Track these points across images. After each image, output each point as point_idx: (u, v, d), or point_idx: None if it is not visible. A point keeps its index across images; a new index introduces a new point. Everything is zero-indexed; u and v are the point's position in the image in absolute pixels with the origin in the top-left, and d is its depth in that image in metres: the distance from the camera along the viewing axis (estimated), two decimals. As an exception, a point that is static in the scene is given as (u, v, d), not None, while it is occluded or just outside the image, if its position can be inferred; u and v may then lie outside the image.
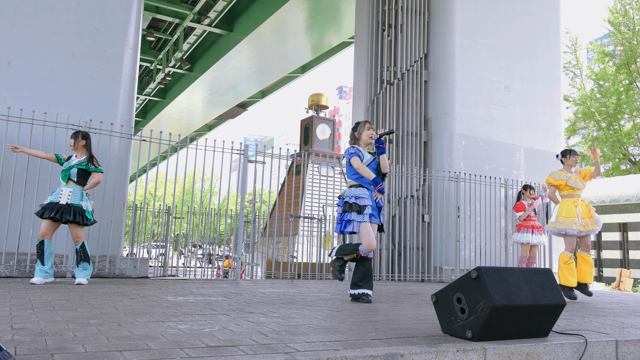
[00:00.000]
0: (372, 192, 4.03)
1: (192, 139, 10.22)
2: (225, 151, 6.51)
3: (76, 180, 4.80)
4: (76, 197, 4.72)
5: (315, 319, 2.79)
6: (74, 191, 4.73)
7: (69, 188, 4.73)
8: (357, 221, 3.87)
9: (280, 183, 18.04)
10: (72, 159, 4.87)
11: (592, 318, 3.36)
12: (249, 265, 7.05)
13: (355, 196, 3.94)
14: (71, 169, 4.79)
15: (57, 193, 4.73)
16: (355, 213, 3.88)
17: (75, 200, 4.70)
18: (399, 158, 8.60)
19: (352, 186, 4.04)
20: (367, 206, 3.92)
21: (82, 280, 4.72)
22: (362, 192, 3.96)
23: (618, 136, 19.06)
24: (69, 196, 4.68)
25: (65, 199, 4.67)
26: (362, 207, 3.89)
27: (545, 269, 2.49)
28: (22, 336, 1.98)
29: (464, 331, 2.22)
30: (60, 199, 4.66)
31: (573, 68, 20.67)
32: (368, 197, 3.96)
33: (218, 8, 13.77)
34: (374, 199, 4.01)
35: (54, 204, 4.65)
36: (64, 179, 4.79)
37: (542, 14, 9.97)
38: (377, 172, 4.04)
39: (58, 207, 4.63)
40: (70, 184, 4.79)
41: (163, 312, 2.87)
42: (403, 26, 8.95)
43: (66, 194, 4.69)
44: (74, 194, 4.71)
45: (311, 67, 18.11)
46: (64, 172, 4.82)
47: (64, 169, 4.82)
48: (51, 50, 6.09)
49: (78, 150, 4.87)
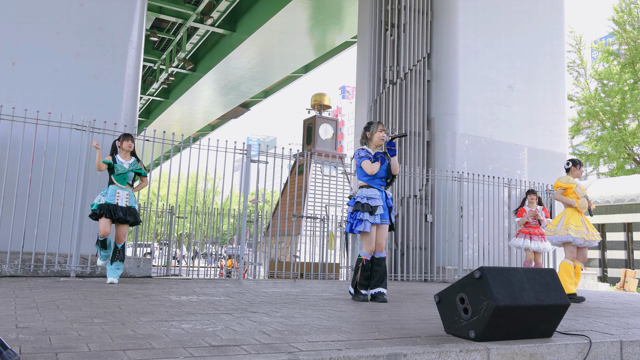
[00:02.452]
0: (382, 192, 4.05)
1: (195, 139, 10.28)
2: (228, 151, 6.51)
3: (131, 183, 5.08)
4: (132, 200, 5.03)
5: (318, 319, 2.79)
6: (130, 194, 5.02)
7: (125, 191, 5.00)
8: (369, 222, 3.89)
9: (283, 183, 18.06)
10: (119, 161, 5.02)
11: (597, 318, 3.35)
12: (252, 265, 7.05)
13: (367, 197, 3.95)
14: (128, 172, 5.01)
15: (112, 194, 4.91)
16: (367, 213, 3.89)
17: (132, 203, 5.02)
18: (402, 158, 8.59)
19: (362, 187, 4.05)
20: (379, 206, 3.93)
21: (115, 280, 4.92)
22: (374, 192, 3.97)
23: (622, 136, 18.97)
24: (127, 199, 4.97)
25: (124, 201, 4.94)
26: (374, 208, 3.91)
27: (549, 269, 2.48)
28: (26, 335, 1.99)
29: (467, 331, 2.21)
30: (119, 200, 4.91)
31: (577, 67, 20.57)
32: (379, 197, 3.97)
33: (221, 8, 13.78)
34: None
35: (113, 205, 4.88)
36: (122, 182, 4.98)
37: (546, 13, 9.93)
38: (387, 173, 4.06)
39: (119, 208, 4.88)
40: (127, 187, 5.03)
41: (166, 312, 2.87)
42: (406, 26, 8.94)
43: (124, 196, 4.96)
44: (130, 197, 5.02)
45: (314, 66, 18.11)
46: (121, 175, 4.98)
47: (122, 172, 4.98)
48: (55, 50, 6.12)
49: (125, 152, 5.05)
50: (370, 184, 4.02)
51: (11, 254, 5.38)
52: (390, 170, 4.06)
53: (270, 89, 20.80)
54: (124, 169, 4.99)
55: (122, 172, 4.98)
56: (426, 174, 8.44)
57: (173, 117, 23.02)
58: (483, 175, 8.28)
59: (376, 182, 4.02)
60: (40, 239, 5.45)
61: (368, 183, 4.03)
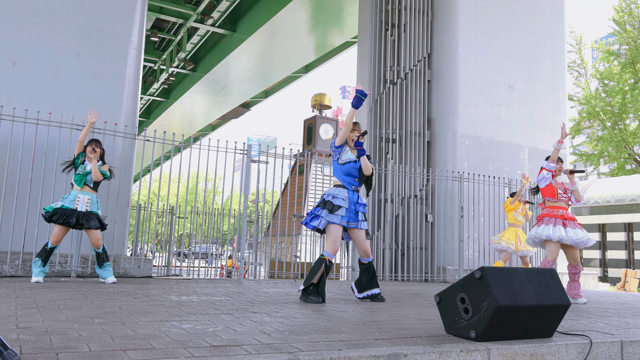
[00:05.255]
0: (352, 193, 3.95)
1: (195, 139, 10.27)
2: (229, 151, 6.52)
3: (92, 186, 4.85)
4: (94, 205, 4.81)
5: (318, 319, 2.79)
6: (92, 199, 4.79)
7: (87, 195, 4.76)
8: (324, 219, 3.79)
9: (284, 183, 18.06)
10: (85, 163, 4.85)
11: (597, 318, 3.35)
12: (252, 265, 7.05)
13: (333, 195, 3.88)
14: (88, 174, 4.79)
15: (72, 199, 4.70)
16: (326, 211, 3.81)
17: (94, 208, 4.79)
18: (402, 158, 8.59)
19: (335, 185, 4.00)
20: (342, 208, 3.82)
21: (113, 279, 4.91)
22: (341, 192, 3.89)
23: (623, 136, 18.95)
24: (88, 204, 4.73)
25: (84, 206, 4.70)
26: (334, 207, 3.81)
27: (549, 269, 2.48)
28: (27, 335, 1.99)
29: (468, 331, 2.21)
30: (78, 205, 4.68)
31: (577, 67, 20.56)
32: (346, 199, 3.88)
33: (221, 8, 13.79)
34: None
35: (70, 210, 4.65)
36: (79, 184, 4.77)
37: (546, 13, 9.93)
38: (359, 173, 3.97)
39: (77, 213, 4.65)
40: (87, 190, 4.80)
41: (167, 312, 2.88)
42: (406, 26, 8.93)
43: (84, 201, 4.71)
44: (92, 202, 4.78)
45: (314, 67, 18.11)
46: (79, 176, 4.79)
47: (80, 174, 4.79)
48: (56, 50, 6.12)
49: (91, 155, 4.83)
50: (342, 181, 3.95)
51: (12, 254, 5.39)
52: (362, 170, 3.95)
53: (271, 89, 20.81)
54: (84, 171, 4.77)
55: (81, 174, 4.76)
56: (427, 174, 8.43)
57: (173, 117, 23.02)
58: (483, 176, 8.27)
59: (347, 181, 3.94)
60: (41, 239, 5.45)
61: (339, 179, 3.97)
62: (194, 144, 6.53)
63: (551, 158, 4.87)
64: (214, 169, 24.08)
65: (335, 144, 3.98)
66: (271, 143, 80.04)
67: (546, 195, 4.93)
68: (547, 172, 4.87)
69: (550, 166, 4.86)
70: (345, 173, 3.95)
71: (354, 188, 3.98)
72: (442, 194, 8.15)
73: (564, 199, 4.90)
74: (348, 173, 3.95)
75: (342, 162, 3.94)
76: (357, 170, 3.96)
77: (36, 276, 4.68)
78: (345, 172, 3.95)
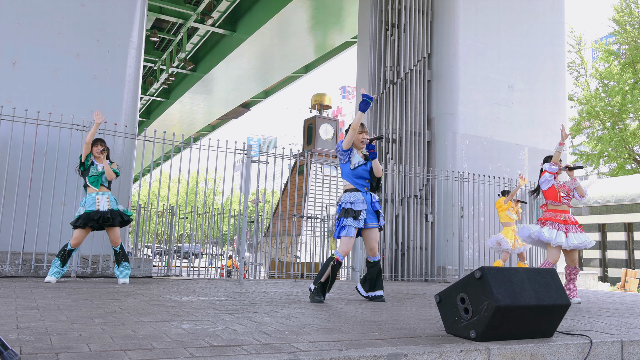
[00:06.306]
0: (366, 194, 4.02)
1: (195, 139, 10.20)
2: (229, 151, 6.52)
3: (107, 185, 4.97)
4: (113, 203, 4.93)
5: (318, 319, 2.79)
6: (110, 197, 4.92)
7: (105, 195, 4.90)
8: (353, 227, 3.89)
9: (284, 183, 18.07)
10: (95, 164, 4.93)
11: (597, 318, 3.35)
12: (252, 265, 7.05)
13: (351, 202, 3.95)
14: (102, 174, 4.90)
15: (91, 202, 4.81)
16: (351, 219, 3.89)
17: (114, 205, 4.92)
18: (402, 158, 8.59)
19: (346, 190, 4.04)
20: (362, 211, 3.92)
21: (127, 280, 4.92)
22: (357, 197, 3.96)
23: (623, 135, 18.96)
24: (108, 203, 4.87)
25: (106, 206, 4.84)
26: (357, 213, 3.91)
27: (549, 269, 2.48)
28: (27, 335, 1.99)
29: (468, 331, 2.21)
30: (100, 206, 4.81)
31: (577, 67, 20.56)
32: (363, 201, 3.95)
33: (221, 8, 13.79)
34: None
35: (94, 212, 4.77)
36: (96, 185, 4.87)
37: (546, 13, 9.93)
38: (370, 175, 4.03)
39: (101, 214, 4.78)
40: (103, 190, 4.93)
41: (167, 312, 2.88)
42: (406, 26, 8.94)
43: (104, 201, 4.86)
44: (111, 200, 4.91)
45: (314, 67, 18.11)
46: (94, 177, 4.86)
47: (95, 175, 4.87)
48: (55, 50, 6.12)
49: (101, 156, 4.95)
50: (353, 184, 4.00)
51: (12, 254, 5.39)
52: (372, 172, 4.03)
53: (271, 89, 20.81)
54: (97, 171, 4.85)
55: (95, 175, 4.84)
56: (427, 174, 8.43)
57: (173, 117, 23.03)
58: (483, 175, 8.27)
59: (359, 183, 4.00)
60: (41, 239, 5.45)
61: (350, 183, 4.01)
62: (194, 144, 6.53)
63: (553, 160, 4.86)
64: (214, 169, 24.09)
65: (343, 147, 4.01)
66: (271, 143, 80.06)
67: (549, 198, 4.93)
68: (549, 174, 4.86)
69: (552, 169, 4.85)
70: (357, 176, 4.01)
71: (366, 189, 4.05)
72: (442, 194, 8.15)
73: (566, 201, 4.91)
74: (359, 176, 4.01)
75: (353, 167, 4.00)
76: (368, 172, 4.03)
77: (50, 276, 4.75)
78: (356, 175, 4.01)
